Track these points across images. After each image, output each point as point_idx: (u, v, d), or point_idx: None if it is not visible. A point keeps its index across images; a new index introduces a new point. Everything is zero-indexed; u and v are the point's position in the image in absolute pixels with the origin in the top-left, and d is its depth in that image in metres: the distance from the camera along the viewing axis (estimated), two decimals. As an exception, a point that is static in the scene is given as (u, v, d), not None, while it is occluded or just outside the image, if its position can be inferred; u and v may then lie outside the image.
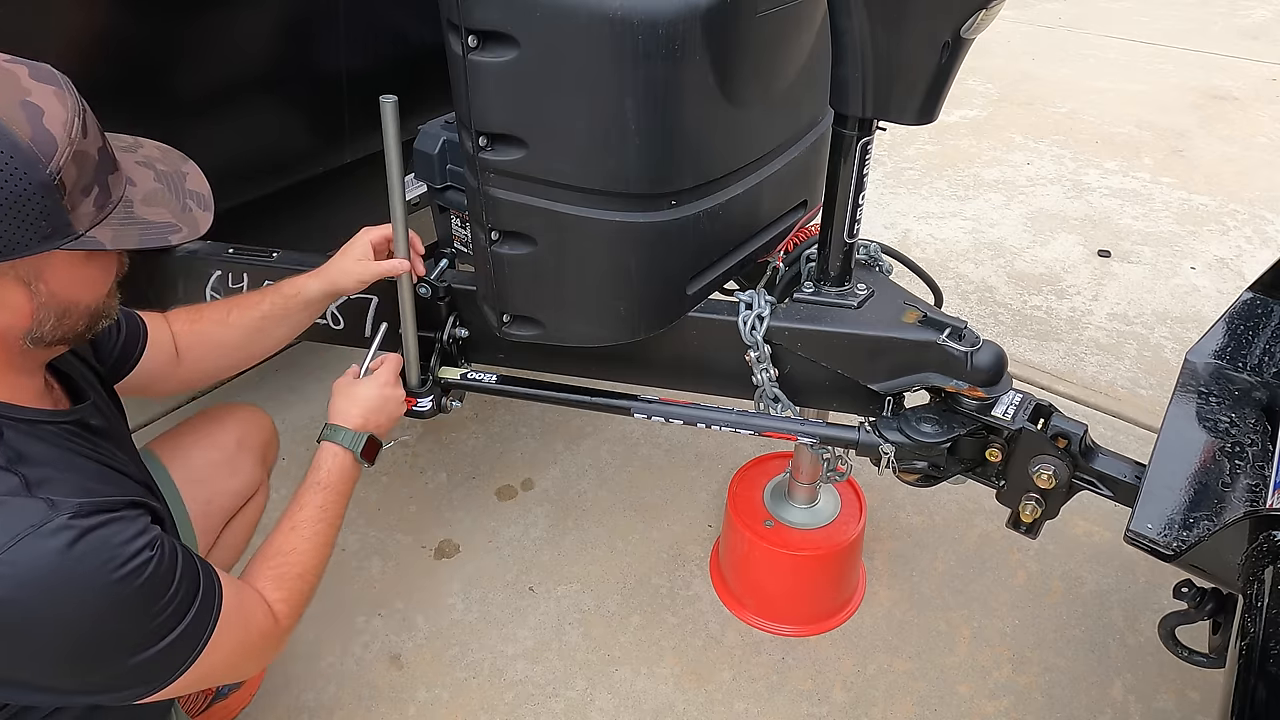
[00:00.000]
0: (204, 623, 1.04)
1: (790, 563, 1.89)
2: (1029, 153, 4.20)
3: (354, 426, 1.41)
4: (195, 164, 1.13)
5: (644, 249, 1.41)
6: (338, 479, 1.37)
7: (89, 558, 0.91)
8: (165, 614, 0.98)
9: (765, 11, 1.35)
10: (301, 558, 1.28)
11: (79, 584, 0.91)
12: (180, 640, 1.01)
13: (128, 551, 0.94)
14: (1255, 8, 6.44)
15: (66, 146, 0.90)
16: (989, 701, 1.80)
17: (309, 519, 1.32)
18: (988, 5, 1.21)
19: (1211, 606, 1.30)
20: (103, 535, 0.93)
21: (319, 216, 2.22)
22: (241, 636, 1.12)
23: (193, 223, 1.06)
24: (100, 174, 0.96)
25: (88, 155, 0.94)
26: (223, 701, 1.72)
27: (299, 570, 1.27)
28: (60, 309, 0.98)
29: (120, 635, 0.96)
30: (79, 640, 0.93)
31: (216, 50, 1.72)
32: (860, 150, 1.42)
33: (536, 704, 1.79)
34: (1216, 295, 3.11)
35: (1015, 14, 6.00)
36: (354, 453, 1.39)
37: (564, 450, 2.41)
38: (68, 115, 0.92)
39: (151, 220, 1.01)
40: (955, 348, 1.42)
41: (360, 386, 1.46)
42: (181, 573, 1.01)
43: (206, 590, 1.05)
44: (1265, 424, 1.41)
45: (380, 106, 1.38)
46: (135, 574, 0.94)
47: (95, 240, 0.95)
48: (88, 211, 0.94)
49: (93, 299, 1.03)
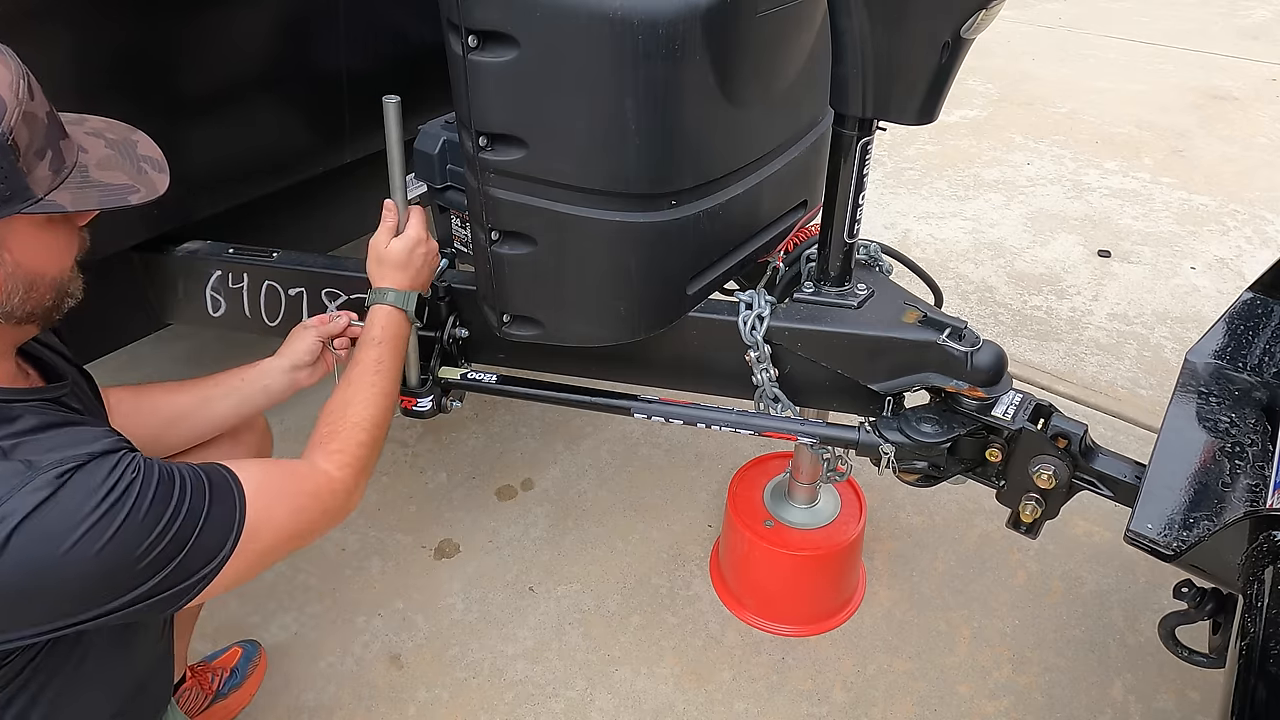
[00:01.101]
0: (228, 512, 1.04)
1: (790, 563, 1.89)
2: (1029, 153, 4.20)
3: (402, 287, 1.44)
4: (145, 133, 1.12)
5: (644, 249, 1.41)
6: (392, 335, 1.40)
7: (75, 500, 0.91)
8: (179, 520, 0.98)
9: (765, 11, 1.35)
10: (358, 409, 1.29)
11: (73, 526, 0.91)
12: (208, 534, 1.01)
13: (110, 482, 0.94)
14: (1255, 8, 6.44)
15: (15, 106, 0.90)
16: (989, 701, 1.80)
17: (364, 372, 1.34)
18: (988, 5, 1.21)
19: (1211, 606, 1.30)
20: (82, 477, 0.93)
21: (319, 216, 2.22)
22: (288, 505, 1.12)
23: (150, 184, 1.06)
24: (51, 138, 0.96)
25: (36, 117, 0.94)
26: (223, 701, 1.72)
27: (354, 420, 1.28)
28: (27, 280, 0.98)
29: (140, 557, 0.95)
30: (100, 574, 0.93)
31: (216, 50, 1.72)
32: (860, 150, 1.42)
33: (536, 704, 1.79)
34: (1216, 295, 3.11)
35: (1015, 14, 6.00)
36: (407, 311, 1.43)
37: (564, 450, 2.41)
38: (12, 78, 0.91)
39: (109, 183, 1.01)
40: (955, 348, 1.42)
41: (398, 246, 1.45)
42: (177, 480, 1.00)
43: (216, 483, 1.04)
44: (1265, 424, 1.41)
45: (383, 107, 1.38)
46: (123, 500, 0.94)
47: (55, 203, 0.95)
48: (44, 175, 0.94)
49: (57, 270, 1.03)
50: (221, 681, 1.73)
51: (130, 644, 1.18)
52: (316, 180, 2.06)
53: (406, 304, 1.44)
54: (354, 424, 1.27)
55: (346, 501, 1.23)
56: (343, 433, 1.26)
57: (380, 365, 1.36)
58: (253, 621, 1.94)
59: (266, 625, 1.94)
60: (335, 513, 1.21)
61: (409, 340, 1.44)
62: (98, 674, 1.12)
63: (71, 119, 1.06)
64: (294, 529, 1.13)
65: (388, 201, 1.46)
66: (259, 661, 1.82)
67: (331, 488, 1.20)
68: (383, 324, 1.40)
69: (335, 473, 1.21)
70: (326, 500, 1.19)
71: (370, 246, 1.47)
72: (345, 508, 1.23)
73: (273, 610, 1.97)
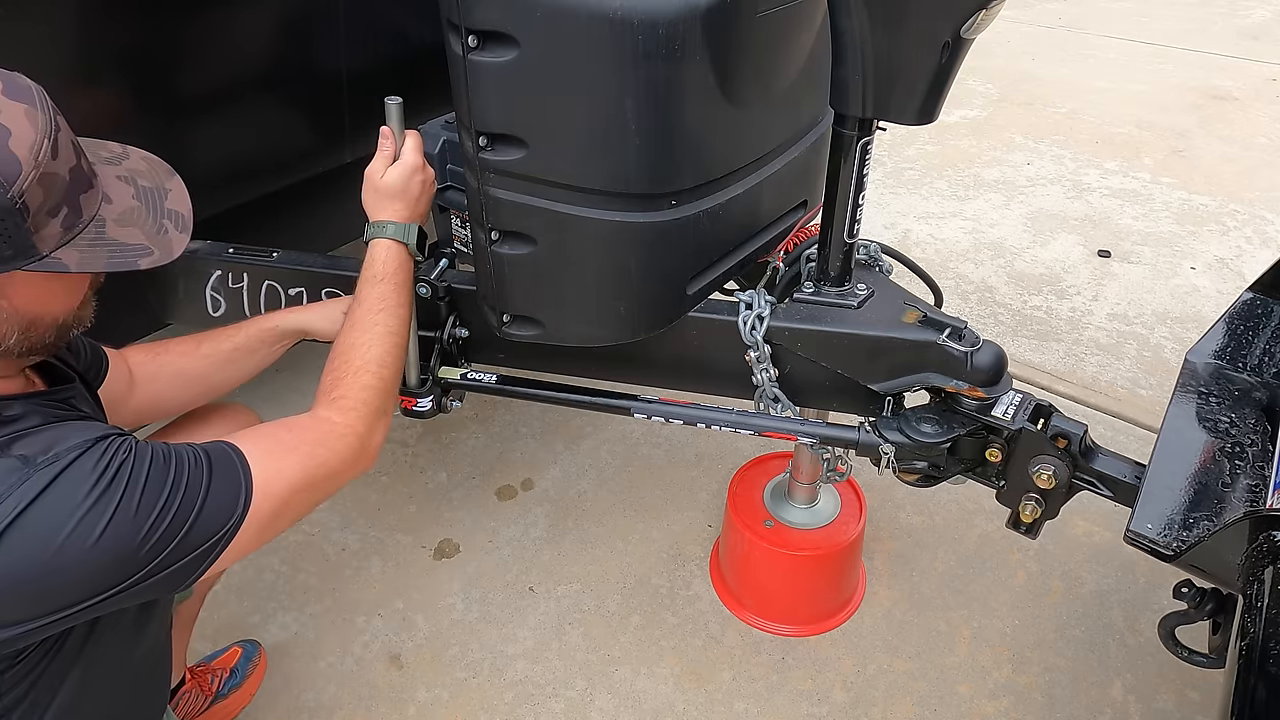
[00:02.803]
0: (231, 478, 1.03)
1: (790, 563, 1.89)
2: (1029, 153, 4.20)
3: (400, 218, 1.39)
4: (180, 179, 1.10)
5: (644, 249, 1.41)
6: (395, 269, 1.36)
7: (70, 488, 0.91)
8: (181, 494, 0.98)
9: (765, 11, 1.35)
10: (361, 351, 1.25)
11: (70, 513, 0.91)
12: (213, 502, 1.00)
13: (102, 465, 0.94)
14: (1255, 8, 6.44)
15: (32, 170, 0.89)
16: (989, 701, 1.80)
17: (367, 311, 1.30)
18: (988, 5, 1.21)
19: (1211, 606, 1.30)
20: (77, 466, 0.93)
21: (319, 216, 2.22)
22: (294, 456, 1.10)
23: (166, 246, 1.03)
24: (71, 194, 0.94)
25: (56, 177, 0.92)
26: (223, 701, 1.72)
27: (358, 364, 1.24)
28: (25, 322, 0.97)
29: (144, 535, 0.95)
30: (106, 555, 0.93)
31: (216, 50, 1.72)
32: (860, 150, 1.42)
33: (536, 704, 1.79)
34: (1216, 295, 3.11)
35: (1015, 14, 6.00)
36: (408, 244, 1.39)
37: (564, 450, 2.41)
38: (36, 137, 0.90)
39: (123, 242, 0.99)
40: (955, 348, 1.42)
41: (395, 174, 1.40)
42: (173, 457, 1.00)
43: (215, 455, 1.03)
44: (1265, 424, 1.41)
45: (385, 108, 1.37)
46: (116, 482, 0.94)
47: (59, 263, 0.93)
48: (54, 232, 0.93)
49: (62, 311, 1.02)
50: (221, 682, 1.73)
51: (137, 642, 1.18)
52: (316, 180, 2.06)
53: (407, 237, 1.39)
54: (358, 368, 1.24)
55: (361, 445, 1.18)
56: (346, 378, 1.23)
57: (384, 303, 1.32)
58: (253, 621, 1.94)
59: (266, 625, 1.94)
60: (350, 457, 1.17)
61: (411, 275, 1.40)
62: (103, 677, 1.12)
63: (111, 154, 1.05)
64: (306, 478, 1.10)
65: (384, 129, 1.41)
66: (259, 661, 1.82)
67: (338, 432, 1.16)
68: (383, 259, 1.36)
69: (338, 418, 1.18)
70: (336, 445, 1.15)
71: (366, 176, 1.41)
72: (363, 451, 1.19)
73: (273, 610, 1.97)
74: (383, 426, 1.23)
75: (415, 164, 1.41)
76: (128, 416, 1.40)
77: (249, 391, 2.54)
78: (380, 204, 1.40)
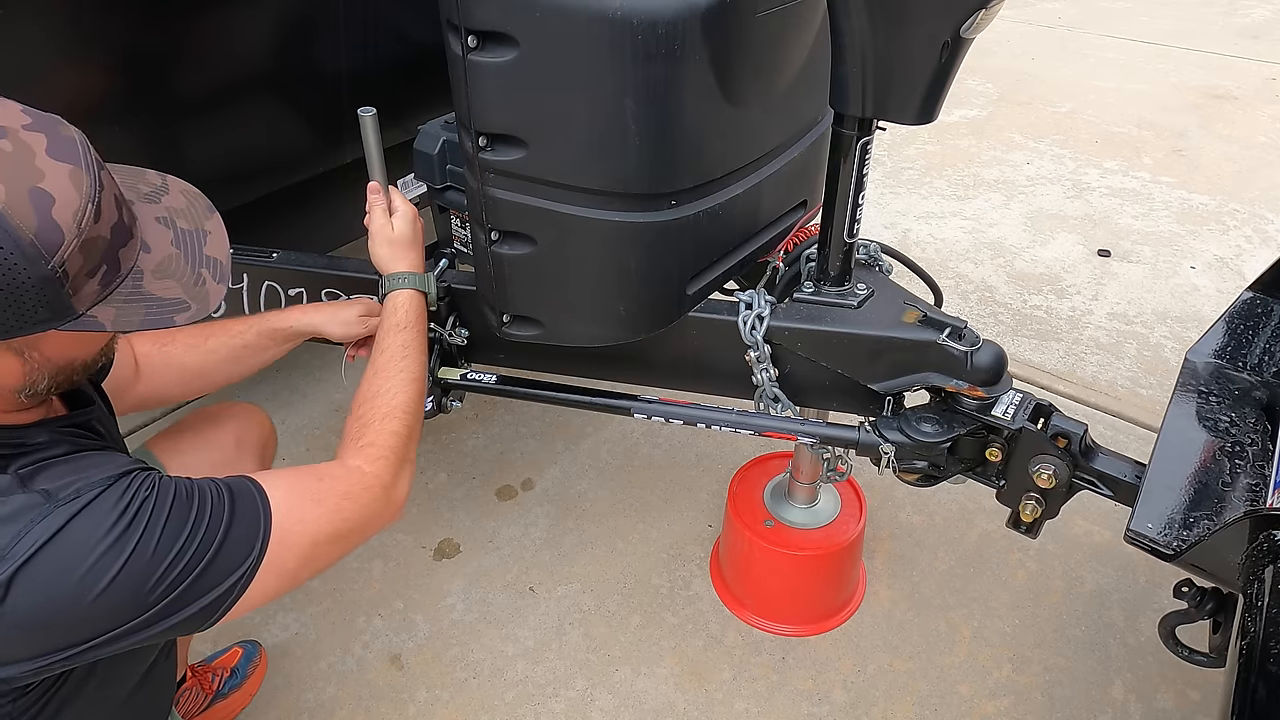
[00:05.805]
0: (252, 522, 1.02)
1: (790, 563, 1.89)
2: (1029, 152, 4.20)
3: (416, 269, 1.46)
4: (220, 218, 1.08)
5: (644, 249, 1.41)
6: (416, 318, 1.40)
7: (90, 526, 0.91)
8: (200, 535, 0.97)
9: (765, 11, 1.35)
10: (386, 398, 1.27)
11: (89, 551, 0.90)
12: (231, 546, 0.99)
13: (124, 503, 0.93)
14: (1255, 8, 6.44)
15: (74, 238, 0.86)
16: (989, 701, 1.80)
17: (391, 359, 1.32)
18: (988, 5, 1.21)
19: (1211, 606, 1.30)
20: (98, 503, 0.92)
21: (319, 216, 2.22)
22: (321, 508, 1.09)
23: (203, 298, 1.01)
24: (110, 251, 0.92)
25: (98, 239, 0.89)
26: (223, 701, 1.72)
27: (384, 410, 1.25)
28: (55, 369, 0.97)
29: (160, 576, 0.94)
30: (121, 595, 0.92)
31: (216, 51, 1.72)
32: (860, 150, 1.42)
33: (537, 704, 1.79)
34: (1216, 295, 3.11)
35: (1015, 14, 6.00)
36: (427, 293, 1.44)
37: (564, 450, 2.41)
38: (80, 202, 0.87)
39: (160, 296, 0.97)
40: (955, 347, 1.42)
41: (401, 227, 1.46)
42: (196, 494, 0.99)
43: (239, 493, 1.03)
44: (1265, 423, 1.41)
45: (360, 120, 1.37)
46: (137, 521, 0.93)
47: (95, 321, 0.91)
48: (91, 291, 0.91)
49: (90, 355, 1.02)
50: (222, 681, 1.74)
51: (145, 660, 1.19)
52: (316, 180, 2.06)
53: (425, 286, 1.45)
54: (385, 414, 1.25)
55: (388, 495, 1.18)
56: (373, 425, 1.23)
57: (407, 350, 1.34)
58: (253, 621, 1.94)
59: (267, 625, 1.94)
60: (378, 508, 1.17)
61: (427, 323, 1.44)
62: (108, 683, 1.12)
63: (151, 187, 1.03)
64: (332, 531, 1.10)
65: (372, 184, 1.47)
66: (259, 661, 1.82)
67: (366, 483, 1.16)
68: (406, 308, 1.40)
69: (368, 467, 1.17)
70: (363, 497, 1.15)
71: (373, 233, 1.46)
72: (390, 501, 1.19)
73: (273, 610, 1.97)
74: (407, 475, 1.24)
75: (413, 210, 1.49)
76: (129, 404, 1.40)
77: (250, 391, 2.55)
78: (395, 256, 1.46)
